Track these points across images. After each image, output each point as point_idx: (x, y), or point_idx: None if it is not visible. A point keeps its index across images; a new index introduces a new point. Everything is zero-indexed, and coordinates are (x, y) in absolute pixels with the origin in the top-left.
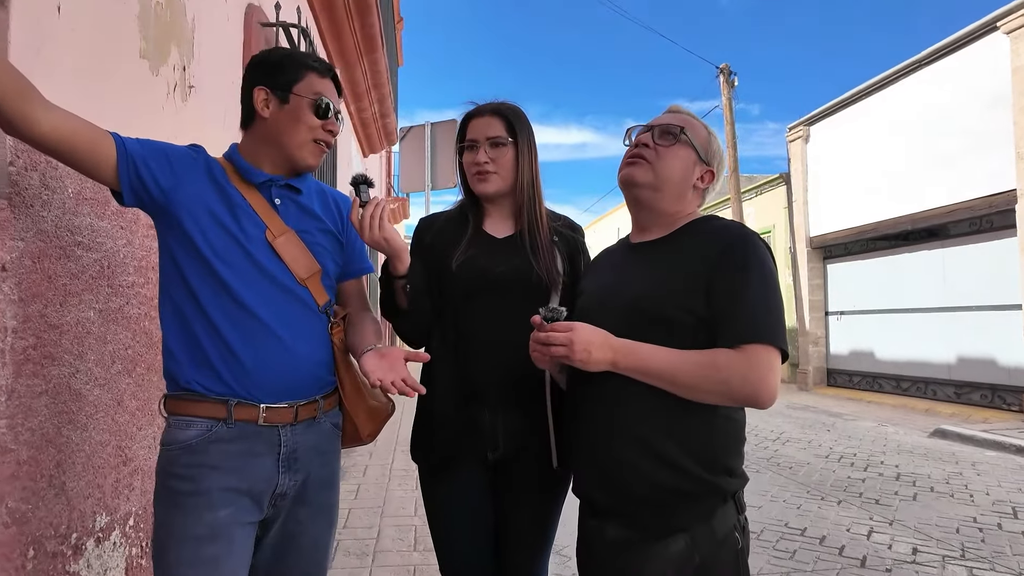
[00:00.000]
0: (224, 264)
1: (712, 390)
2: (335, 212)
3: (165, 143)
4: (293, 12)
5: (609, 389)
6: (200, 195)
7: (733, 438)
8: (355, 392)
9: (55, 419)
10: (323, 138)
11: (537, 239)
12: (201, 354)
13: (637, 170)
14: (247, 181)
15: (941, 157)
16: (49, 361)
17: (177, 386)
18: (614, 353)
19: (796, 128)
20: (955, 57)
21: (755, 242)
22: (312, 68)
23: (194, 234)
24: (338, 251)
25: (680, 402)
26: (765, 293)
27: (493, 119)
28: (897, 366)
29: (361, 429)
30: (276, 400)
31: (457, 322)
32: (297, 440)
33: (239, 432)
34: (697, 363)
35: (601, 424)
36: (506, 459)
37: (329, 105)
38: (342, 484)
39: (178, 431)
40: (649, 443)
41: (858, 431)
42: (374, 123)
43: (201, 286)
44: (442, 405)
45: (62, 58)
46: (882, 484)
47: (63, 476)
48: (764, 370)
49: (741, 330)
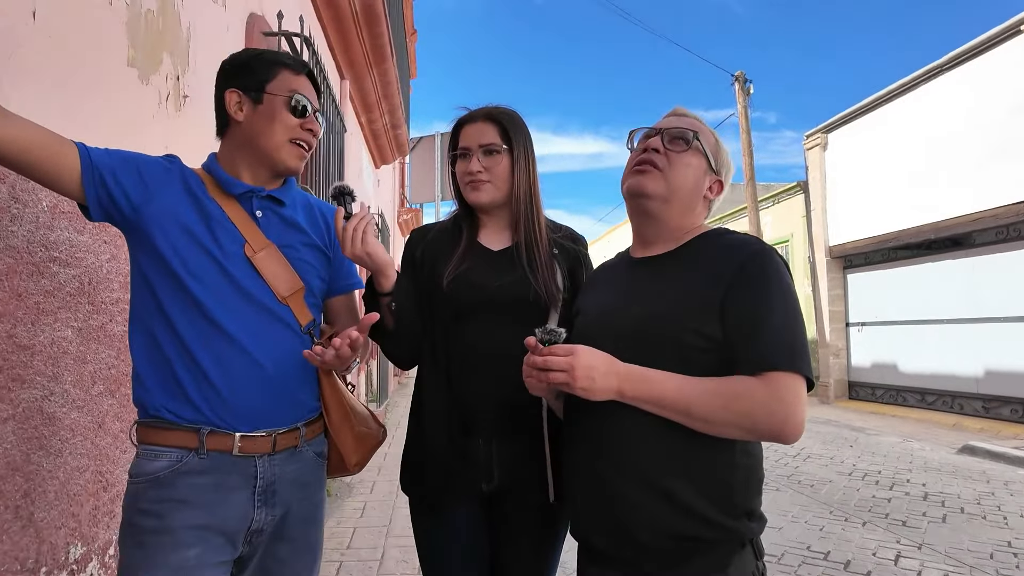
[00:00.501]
0: (197, 281)
1: (732, 423)
2: (322, 225)
3: (136, 153)
4: (296, 21)
5: (613, 420)
6: (173, 208)
7: (752, 476)
8: (342, 418)
9: (23, 445)
10: (301, 138)
11: (535, 252)
12: (172, 379)
13: (647, 179)
14: (226, 193)
15: (965, 164)
16: (17, 384)
17: (146, 413)
18: (620, 380)
19: (814, 136)
20: (978, 61)
21: (773, 258)
22: (285, 65)
23: (165, 250)
24: (324, 267)
25: (693, 436)
26: (787, 314)
27: (486, 125)
28: (922, 379)
29: (347, 458)
30: (252, 428)
31: (448, 343)
32: (275, 472)
33: (211, 463)
34: (714, 392)
35: (603, 459)
36: (501, 491)
37: (306, 103)
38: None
39: (146, 462)
40: (658, 482)
41: (882, 447)
42: (385, 134)
43: (173, 306)
44: (433, 434)
45: (37, 65)
46: (909, 504)
47: (31, 506)
48: (790, 401)
49: (763, 356)
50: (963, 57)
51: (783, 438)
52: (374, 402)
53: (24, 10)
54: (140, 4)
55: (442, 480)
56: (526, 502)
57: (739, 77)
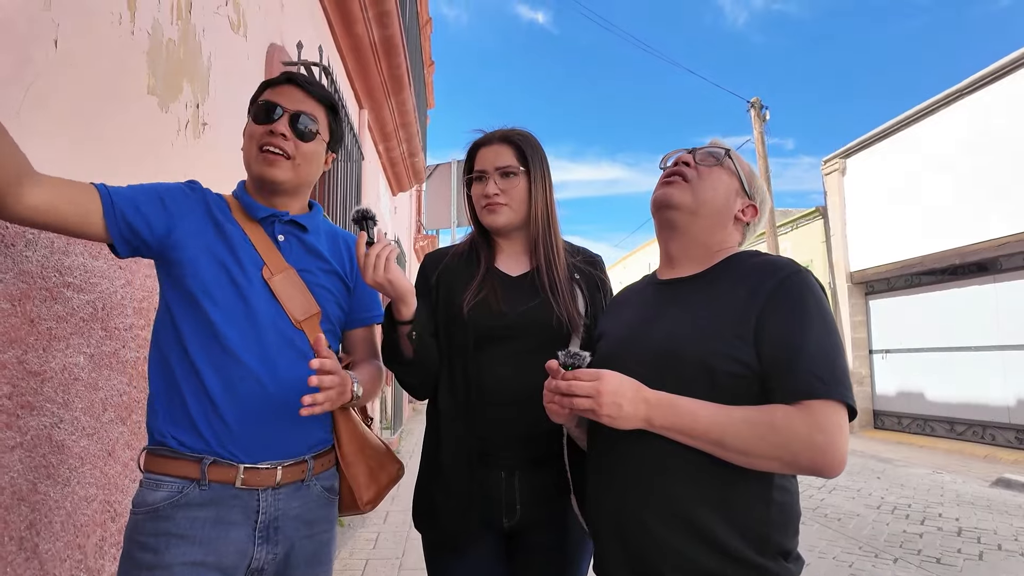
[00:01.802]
0: (212, 302)
1: (769, 455)
2: (344, 255)
3: (157, 183)
4: (316, 51)
5: (639, 450)
6: (196, 232)
7: (789, 513)
8: (355, 452)
9: (30, 474)
10: (267, 143)
11: (555, 276)
12: (179, 403)
13: (674, 189)
14: (250, 217)
15: (989, 188)
16: (27, 411)
17: (153, 439)
18: (648, 408)
19: (832, 161)
20: (1001, 84)
21: (810, 280)
22: (269, 83)
23: (186, 272)
24: (344, 295)
25: (725, 468)
26: (826, 339)
27: (503, 147)
28: (950, 408)
29: (360, 495)
30: (257, 459)
31: (467, 372)
32: (279, 507)
33: (212, 496)
34: (750, 422)
35: (630, 493)
36: (523, 526)
37: (272, 107)
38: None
39: (147, 492)
40: (689, 518)
41: (911, 479)
42: (402, 162)
43: (188, 328)
44: (451, 467)
45: (57, 93)
46: (942, 540)
47: (36, 537)
48: (832, 432)
49: (802, 383)
50: (985, 80)
51: (825, 471)
52: (388, 430)
53: (46, 39)
54: (162, 33)
55: (459, 518)
56: (548, 538)
57: (755, 103)
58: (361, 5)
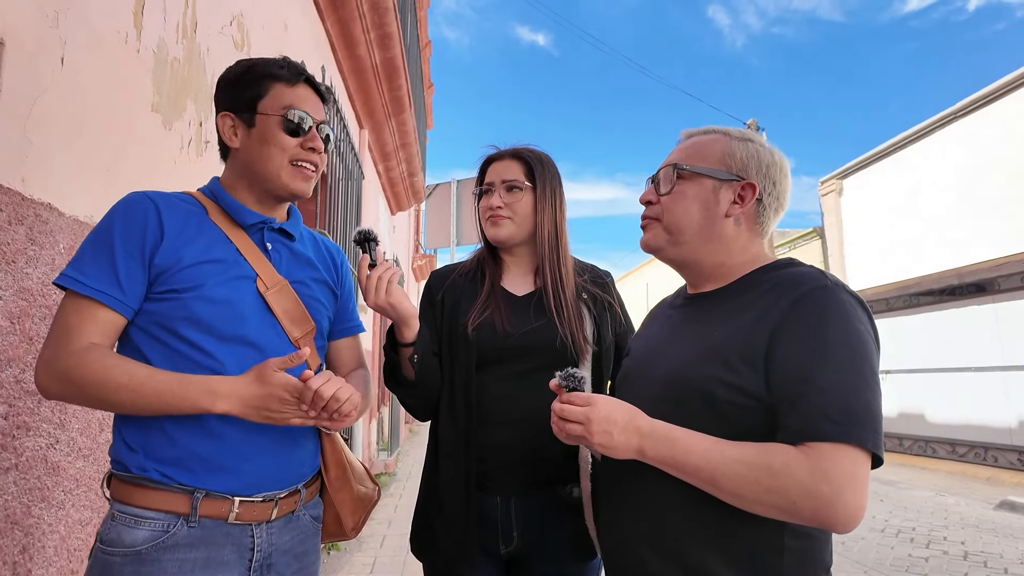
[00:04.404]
0: (201, 317)
1: (764, 501)
2: (329, 261)
3: (127, 234)
4: (319, 72)
5: (639, 480)
6: (177, 250)
7: (808, 562)
8: (342, 476)
9: (24, 497)
10: (303, 158)
11: (561, 298)
12: (157, 431)
13: (648, 235)
14: (234, 222)
15: (986, 208)
16: (23, 431)
17: (126, 469)
18: (641, 437)
19: (828, 182)
20: (996, 106)
21: (837, 297)
22: (276, 77)
23: (174, 292)
24: (333, 306)
25: (731, 507)
26: (846, 369)
27: (512, 162)
28: (952, 429)
29: (346, 521)
30: (252, 492)
31: (468, 392)
32: (272, 542)
33: (203, 534)
34: (745, 463)
35: (630, 523)
36: (521, 554)
37: (303, 118)
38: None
39: (124, 529)
40: (686, 558)
41: (915, 502)
42: (402, 182)
43: (164, 345)
44: (448, 491)
45: (62, 109)
46: (948, 564)
47: (29, 562)
48: (840, 482)
49: (808, 422)
50: (981, 102)
51: (831, 526)
52: (385, 451)
53: (53, 56)
54: (167, 52)
55: (457, 544)
56: (550, 568)
57: (751, 125)
58: (363, 28)
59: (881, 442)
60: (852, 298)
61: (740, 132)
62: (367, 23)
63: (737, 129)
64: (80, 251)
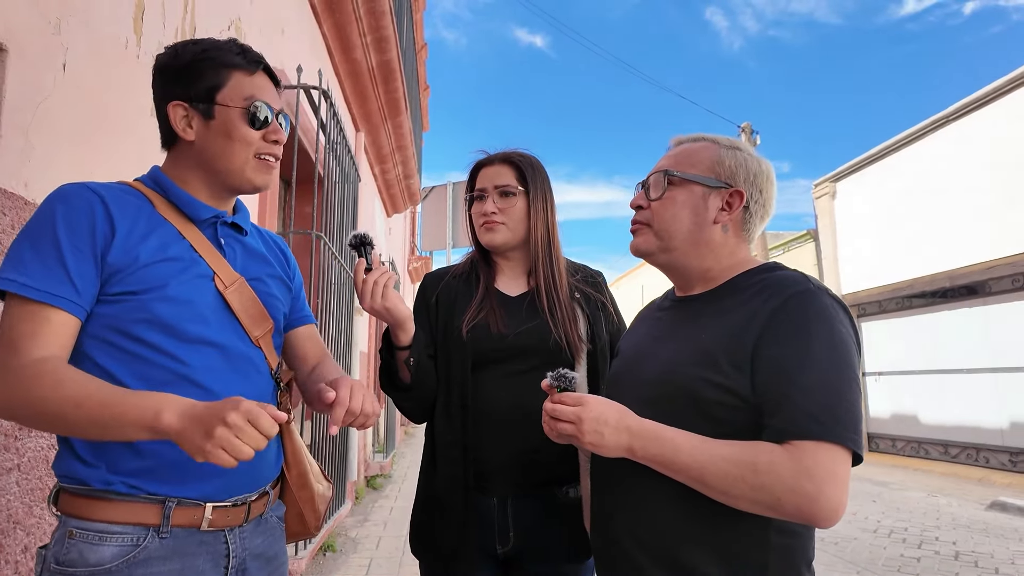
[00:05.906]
0: (162, 323)
1: (750, 498)
2: (280, 255)
3: (74, 235)
4: (315, 75)
5: (630, 479)
6: (131, 248)
7: (792, 558)
8: (301, 476)
9: (26, 497)
10: (267, 151)
11: (555, 298)
12: (125, 444)
13: (638, 240)
14: (185, 216)
15: (978, 211)
16: (24, 432)
17: (84, 483)
18: (631, 436)
19: (822, 185)
20: (989, 109)
21: (821, 301)
22: (235, 66)
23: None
24: (288, 301)
25: (719, 506)
26: (829, 370)
27: (503, 167)
28: (944, 431)
29: (309, 519)
30: (224, 496)
31: (464, 394)
32: (245, 546)
33: (175, 545)
34: (732, 460)
35: (620, 520)
36: (517, 554)
37: (266, 109)
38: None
39: (87, 547)
40: (675, 555)
41: (907, 502)
42: (398, 184)
43: (121, 358)
44: (446, 492)
45: (64, 114)
46: (940, 564)
47: (31, 562)
48: (822, 478)
49: (793, 421)
50: (974, 105)
51: (814, 521)
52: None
53: (55, 62)
54: None
55: (455, 543)
56: (546, 567)
57: (745, 128)
58: (360, 31)
59: (861, 440)
60: (834, 302)
61: (729, 140)
62: (363, 26)
63: (726, 137)
64: (16, 250)
